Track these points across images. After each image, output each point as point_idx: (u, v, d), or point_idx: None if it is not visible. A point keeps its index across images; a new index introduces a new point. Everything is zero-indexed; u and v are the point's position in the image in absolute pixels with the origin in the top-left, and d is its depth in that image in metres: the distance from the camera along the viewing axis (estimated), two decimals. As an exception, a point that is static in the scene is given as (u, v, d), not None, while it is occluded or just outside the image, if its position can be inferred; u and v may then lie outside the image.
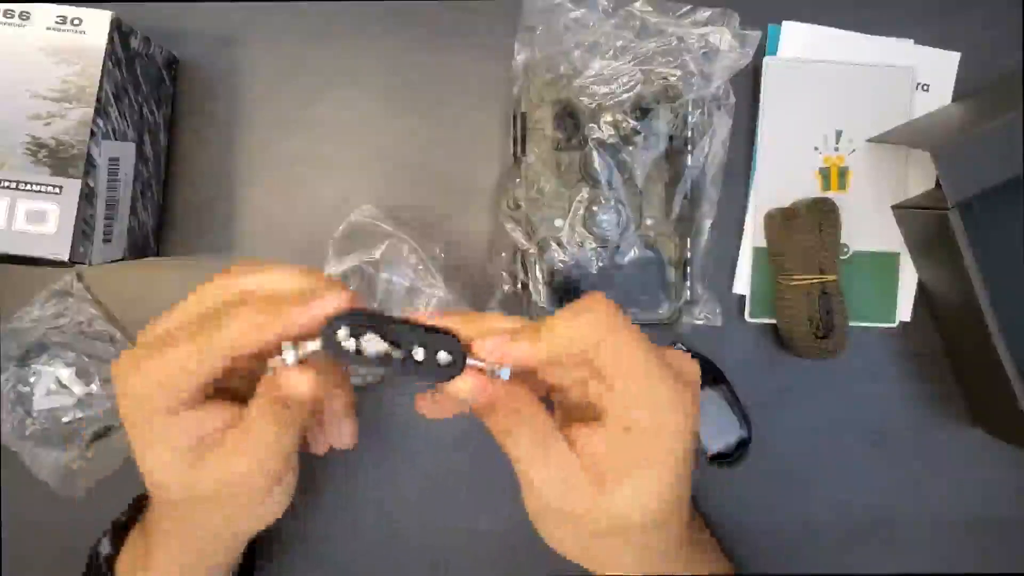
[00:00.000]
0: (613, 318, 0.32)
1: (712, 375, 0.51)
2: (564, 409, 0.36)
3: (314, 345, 0.31)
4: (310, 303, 0.30)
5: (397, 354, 0.31)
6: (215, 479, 0.33)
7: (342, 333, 0.30)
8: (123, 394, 0.32)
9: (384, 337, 0.31)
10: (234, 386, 0.35)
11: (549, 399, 0.37)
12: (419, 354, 0.31)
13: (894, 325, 0.52)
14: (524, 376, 0.34)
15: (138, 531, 0.41)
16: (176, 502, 0.35)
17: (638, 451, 0.32)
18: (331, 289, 0.31)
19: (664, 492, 0.32)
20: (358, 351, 0.30)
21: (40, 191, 0.40)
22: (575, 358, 0.32)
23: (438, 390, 0.34)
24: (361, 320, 0.31)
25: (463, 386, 0.31)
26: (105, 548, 0.42)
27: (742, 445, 0.51)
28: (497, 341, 0.31)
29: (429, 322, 0.32)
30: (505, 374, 0.32)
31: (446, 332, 0.31)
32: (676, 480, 0.33)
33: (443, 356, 0.31)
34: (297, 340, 0.31)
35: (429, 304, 0.48)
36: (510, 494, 0.51)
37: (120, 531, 0.43)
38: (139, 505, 0.44)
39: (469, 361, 0.31)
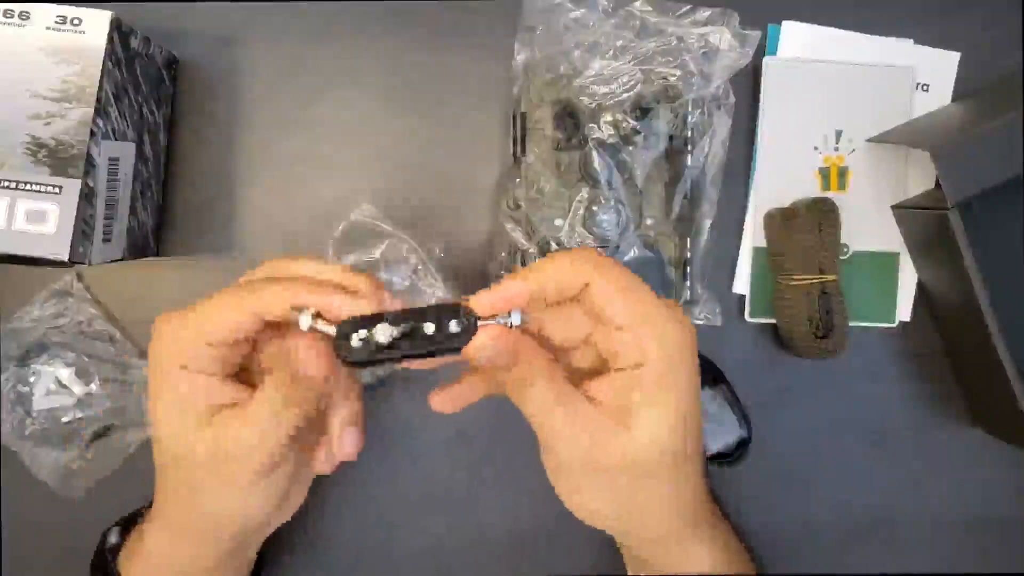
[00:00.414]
0: (599, 257, 0.33)
1: (712, 375, 0.51)
2: (571, 374, 0.36)
3: (328, 328, 0.32)
4: (341, 294, 0.33)
5: (407, 331, 0.32)
6: (214, 440, 0.33)
7: (356, 335, 0.31)
8: (153, 344, 0.34)
9: (393, 323, 0.32)
10: (257, 383, 0.36)
11: None
12: (429, 328, 0.31)
13: (894, 325, 0.52)
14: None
15: (140, 526, 0.41)
16: (173, 471, 0.35)
17: (654, 380, 0.33)
18: (372, 290, 0.34)
19: (687, 413, 0.33)
20: (367, 340, 0.31)
21: (40, 191, 0.40)
22: (569, 304, 0.33)
23: (450, 385, 0.36)
24: (374, 319, 0.32)
25: (483, 339, 0.32)
26: (113, 538, 0.43)
27: (742, 445, 0.51)
28: (488, 291, 0.33)
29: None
30: (516, 319, 0.32)
31: (450, 306, 0.32)
32: (694, 400, 0.34)
33: (454, 324, 0.31)
34: (317, 316, 0.32)
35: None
36: (512, 494, 0.51)
37: (130, 523, 0.43)
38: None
39: (480, 323, 0.32)
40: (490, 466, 0.51)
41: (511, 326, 0.32)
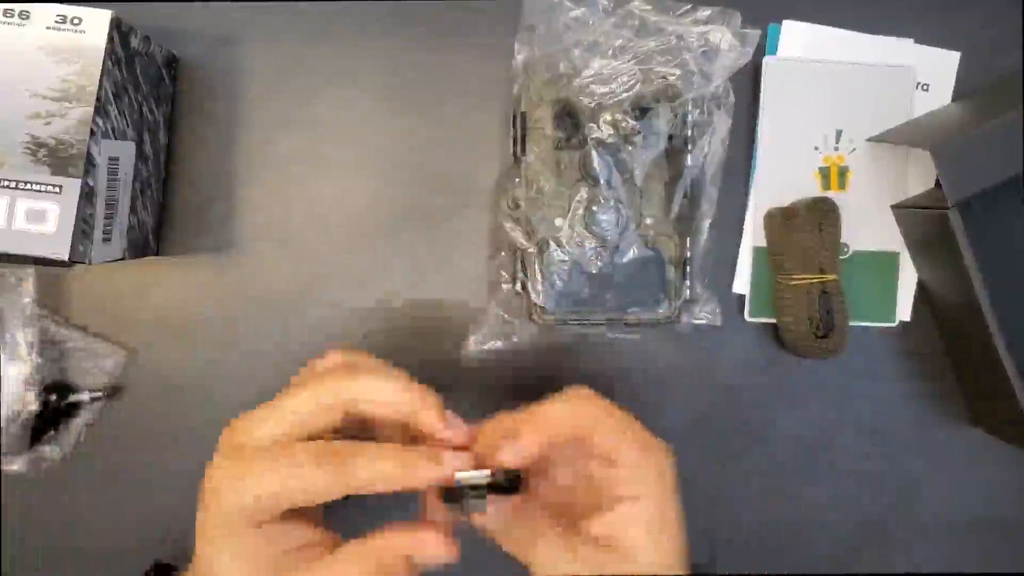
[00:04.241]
0: (599, 404, 0.35)
1: None
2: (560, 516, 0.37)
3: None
4: (443, 462, 0.32)
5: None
6: None
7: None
8: (213, 507, 0.31)
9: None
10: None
11: None
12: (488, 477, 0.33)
13: (894, 325, 0.52)
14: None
15: None
16: None
17: (655, 513, 0.34)
18: (452, 431, 0.34)
19: (680, 539, 0.35)
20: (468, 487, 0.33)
21: (40, 190, 0.40)
22: (569, 441, 0.34)
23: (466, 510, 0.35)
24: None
25: (494, 511, 0.34)
26: None
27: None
28: (513, 446, 0.33)
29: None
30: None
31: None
32: (682, 523, 0.35)
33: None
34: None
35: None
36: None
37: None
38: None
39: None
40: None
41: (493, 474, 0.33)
